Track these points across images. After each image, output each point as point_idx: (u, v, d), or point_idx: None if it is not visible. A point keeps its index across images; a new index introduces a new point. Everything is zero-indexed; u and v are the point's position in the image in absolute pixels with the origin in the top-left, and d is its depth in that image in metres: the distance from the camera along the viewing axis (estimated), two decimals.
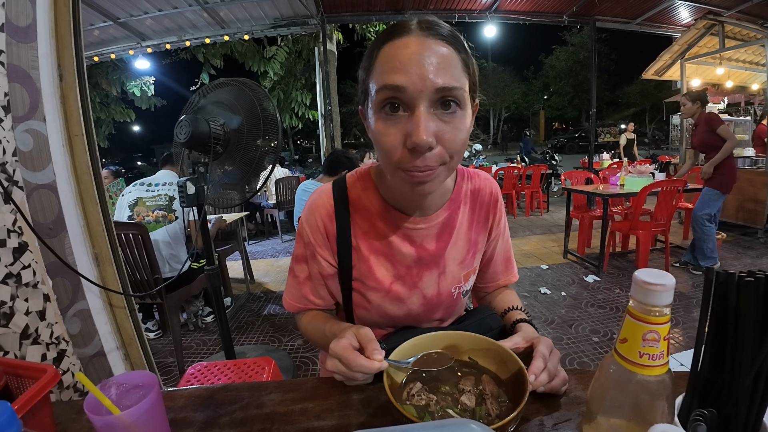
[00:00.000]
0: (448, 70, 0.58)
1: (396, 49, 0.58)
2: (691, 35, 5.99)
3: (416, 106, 0.58)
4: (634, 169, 4.03)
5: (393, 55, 0.58)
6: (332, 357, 0.60)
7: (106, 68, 8.19)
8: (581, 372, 0.70)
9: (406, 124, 0.59)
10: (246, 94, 1.45)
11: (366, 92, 0.64)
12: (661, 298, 0.34)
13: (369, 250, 0.79)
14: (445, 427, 0.39)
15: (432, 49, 0.58)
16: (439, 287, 0.82)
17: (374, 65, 0.61)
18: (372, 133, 0.65)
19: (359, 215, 0.79)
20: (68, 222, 1.27)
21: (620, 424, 0.39)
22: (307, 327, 0.85)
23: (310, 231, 0.80)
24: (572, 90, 30.93)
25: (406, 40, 0.58)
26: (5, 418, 0.32)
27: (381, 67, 0.60)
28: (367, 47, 0.66)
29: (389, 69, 0.58)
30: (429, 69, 0.57)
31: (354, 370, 0.57)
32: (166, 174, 2.74)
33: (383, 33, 0.62)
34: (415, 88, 0.57)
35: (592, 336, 2.68)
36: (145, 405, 0.46)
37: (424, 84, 0.57)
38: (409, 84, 0.57)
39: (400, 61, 0.57)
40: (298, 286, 0.85)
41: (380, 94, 0.59)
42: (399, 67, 0.57)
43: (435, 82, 0.57)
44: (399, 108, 0.59)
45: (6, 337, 1.05)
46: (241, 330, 3.04)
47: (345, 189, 0.81)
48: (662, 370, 0.36)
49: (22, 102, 1.16)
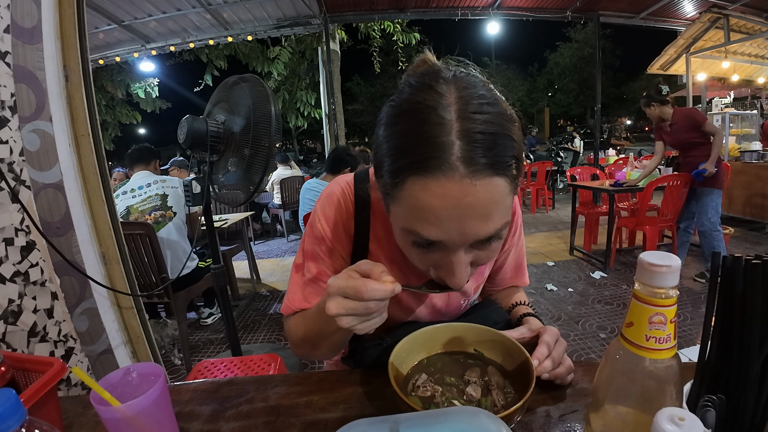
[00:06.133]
0: (494, 215, 0.48)
1: (430, 197, 0.46)
2: (696, 29, 5.94)
3: (453, 252, 0.51)
4: (640, 164, 4.00)
5: (426, 205, 0.46)
6: (333, 295, 0.49)
7: (111, 71, 8.23)
8: (588, 364, 0.70)
9: (438, 257, 0.53)
10: (244, 91, 1.45)
11: (383, 185, 0.53)
12: (667, 280, 0.33)
13: (385, 257, 0.74)
14: (450, 415, 0.39)
15: (477, 197, 0.45)
16: (449, 299, 0.81)
17: (399, 197, 0.49)
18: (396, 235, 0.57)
19: (378, 219, 0.73)
20: (75, 221, 1.28)
21: (627, 412, 0.38)
22: (298, 322, 0.73)
23: (327, 223, 0.72)
24: (577, 87, 30.71)
25: (444, 184, 0.45)
26: (9, 405, 0.32)
27: (410, 209, 0.48)
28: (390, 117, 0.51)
29: (422, 219, 0.48)
30: (471, 224, 0.47)
31: (366, 297, 0.47)
32: (143, 175, 2.64)
33: (416, 147, 0.46)
34: (454, 244, 0.49)
35: (600, 332, 2.67)
36: (152, 395, 0.46)
37: (464, 240, 0.49)
38: (446, 239, 0.49)
39: (435, 216, 0.47)
40: (303, 287, 0.75)
41: (409, 235, 0.51)
42: (434, 222, 0.47)
43: (478, 235, 0.49)
44: (432, 246, 0.51)
45: (14, 334, 1.06)
46: (248, 329, 3.06)
47: (368, 188, 0.72)
48: (670, 353, 0.35)
49: (29, 102, 1.17)
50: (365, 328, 0.51)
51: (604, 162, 7.27)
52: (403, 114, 0.49)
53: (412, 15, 6.52)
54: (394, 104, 0.52)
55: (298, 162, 13.62)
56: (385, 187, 0.52)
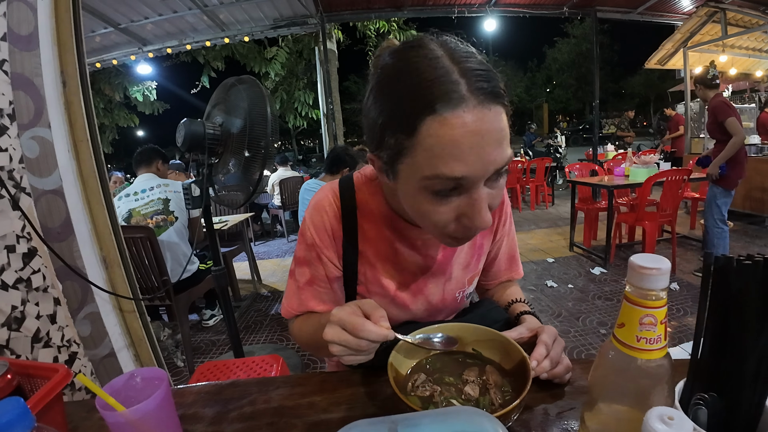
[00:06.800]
0: (505, 141, 0.52)
1: (450, 129, 0.48)
2: (693, 23, 5.94)
3: (474, 189, 0.53)
4: (638, 159, 4.01)
5: (448, 140, 0.48)
6: (333, 324, 0.54)
7: (109, 74, 8.24)
8: (585, 361, 0.71)
9: (459, 203, 0.54)
10: (241, 93, 1.46)
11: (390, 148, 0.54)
12: (656, 282, 0.34)
13: (375, 257, 0.76)
14: (448, 415, 0.40)
15: (491, 123, 0.49)
16: (444, 293, 0.82)
17: (416, 143, 0.50)
18: (407, 201, 0.59)
19: (366, 220, 0.75)
20: (76, 226, 1.28)
21: (621, 410, 0.39)
22: (302, 326, 0.79)
23: (315, 231, 0.75)
24: (575, 82, 30.73)
25: (461, 115, 0.48)
26: (18, 413, 0.33)
27: (431, 150, 0.50)
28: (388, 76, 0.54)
29: (445, 156, 0.49)
30: (490, 151, 0.50)
31: (360, 336, 0.52)
32: (146, 178, 2.64)
33: (425, 91, 0.49)
34: (477, 176, 0.51)
35: (600, 328, 2.68)
36: (156, 399, 0.47)
37: (485, 170, 0.51)
38: (470, 173, 0.50)
39: (458, 148, 0.49)
40: (297, 292, 0.79)
41: (433, 182, 0.52)
42: (458, 155, 0.49)
43: (496, 163, 0.51)
44: (453, 191, 0.53)
45: (18, 341, 1.07)
46: (249, 330, 3.07)
47: (353, 190, 0.76)
48: (660, 354, 0.36)
49: (27, 109, 1.17)
50: (351, 361, 0.55)
51: (603, 157, 7.27)
52: (399, 73, 0.52)
53: (409, 13, 6.52)
54: (382, 72, 0.55)
55: (297, 162, 13.61)
56: (396, 146, 0.53)
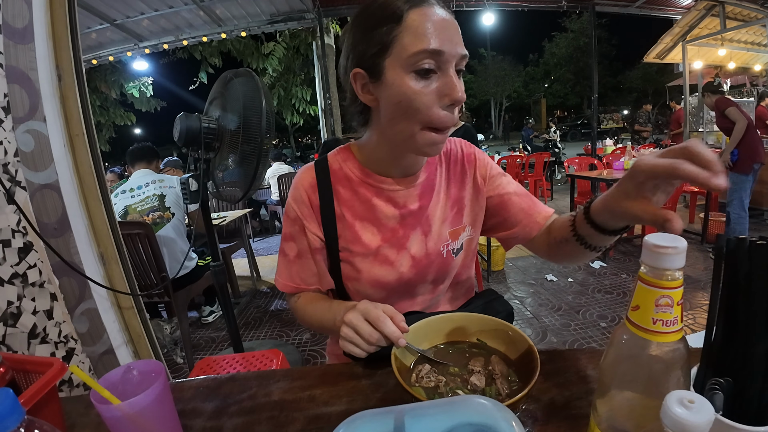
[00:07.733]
0: (461, 41, 0.66)
1: (428, 16, 0.63)
2: (692, 17, 5.92)
3: (448, 69, 0.65)
4: (637, 153, 4.00)
5: (427, 24, 0.63)
6: (357, 311, 0.62)
7: (105, 71, 8.16)
8: (591, 351, 0.70)
9: (438, 85, 0.65)
10: (237, 86, 1.44)
11: (377, 44, 0.66)
12: (673, 261, 0.33)
13: (353, 217, 0.81)
14: (456, 404, 0.38)
15: (452, 21, 0.66)
16: (426, 247, 0.81)
17: (403, 28, 0.64)
18: (394, 92, 0.67)
19: (341, 185, 0.82)
20: (73, 221, 1.27)
21: (634, 397, 0.38)
22: (306, 307, 0.83)
23: (296, 205, 0.82)
24: (573, 77, 30.67)
25: (433, 9, 0.64)
26: (7, 405, 0.32)
27: (415, 31, 0.63)
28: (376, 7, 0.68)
29: (427, 34, 0.62)
30: (455, 38, 0.65)
31: (378, 327, 0.59)
32: (143, 174, 2.61)
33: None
34: (450, 53, 0.64)
35: (600, 321, 2.67)
36: (153, 392, 0.46)
37: (455, 50, 0.64)
38: (446, 49, 0.63)
39: (435, 28, 0.63)
40: (288, 265, 0.85)
41: (417, 57, 0.63)
42: (435, 33, 0.63)
43: (460, 47, 0.65)
44: (431, 71, 0.64)
45: (14, 336, 1.06)
46: (249, 326, 3.06)
47: (326, 161, 0.84)
48: (677, 336, 0.35)
49: (22, 103, 1.15)
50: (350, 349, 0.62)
51: (602, 152, 7.26)
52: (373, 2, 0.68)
53: None
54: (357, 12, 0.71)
55: (295, 159, 13.57)
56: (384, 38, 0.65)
